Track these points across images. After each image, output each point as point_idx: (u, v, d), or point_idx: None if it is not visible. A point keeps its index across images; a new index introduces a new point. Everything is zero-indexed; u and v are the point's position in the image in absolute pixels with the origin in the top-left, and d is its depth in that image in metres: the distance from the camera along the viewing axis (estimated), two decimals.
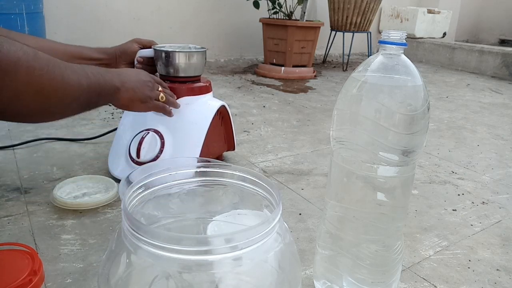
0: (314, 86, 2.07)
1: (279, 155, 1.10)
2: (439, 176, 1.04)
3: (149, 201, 0.41)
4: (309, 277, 0.61)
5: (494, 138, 1.39)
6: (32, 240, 0.65)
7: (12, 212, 0.73)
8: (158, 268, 0.32)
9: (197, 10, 2.38)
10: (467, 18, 3.93)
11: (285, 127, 1.35)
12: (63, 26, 1.98)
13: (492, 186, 0.99)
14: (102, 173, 0.90)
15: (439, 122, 1.53)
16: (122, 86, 0.71)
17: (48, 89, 0.57)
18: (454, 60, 2.93)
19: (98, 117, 1.31)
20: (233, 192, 0.44)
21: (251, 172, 0.42)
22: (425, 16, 3.16)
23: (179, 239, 0.31)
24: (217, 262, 0.31)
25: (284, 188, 0.91)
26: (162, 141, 0.85)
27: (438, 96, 1.99)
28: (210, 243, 0.31)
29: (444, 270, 0.66)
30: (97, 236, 0.68)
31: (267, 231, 0.33)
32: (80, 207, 0.75)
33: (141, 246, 0.31)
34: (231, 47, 2.58)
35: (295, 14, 2.28)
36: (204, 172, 0.43)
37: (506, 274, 0.66)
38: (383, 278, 0.53)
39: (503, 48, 2.75)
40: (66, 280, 0.57)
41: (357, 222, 0.51)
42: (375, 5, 2.44)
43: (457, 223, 0.81)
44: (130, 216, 0.32)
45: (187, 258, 0.31)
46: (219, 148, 0.98)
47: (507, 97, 2.10)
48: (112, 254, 0.35)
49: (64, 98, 0.60)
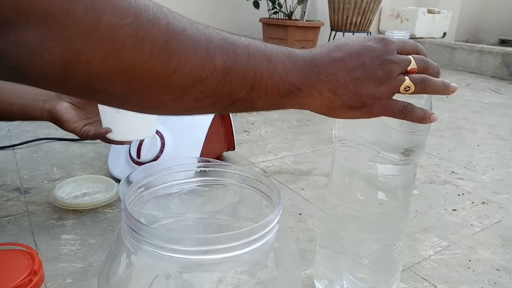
0: None
1: (279, 155, 1.10)
2: (439, 176, 1.03)
3: (149, 201, 0.41)
4: (309, 277, 0.61)
5: (494, 138, 1.39)
6: (32, 240, 0.65)
7: (12, 212, 0.73)
8: (158, 268, 0.32)
9: (197, 10, 2.38)
10: (467, 18, 3.93)
11: (285, 127, 1.35)
12: None
13: (492, 186, 0.99)
14: (102, 173, 0.90)
15: (439, 122, 1.53)
16: (311, 82, 0.38)
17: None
18: (454, 60, 2.93)
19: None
20: (233, 192, 0.44)
21: (251, 172, 0.42)
22: (425, 16, 3.16)
23: (179, 239, 0.31)
24: (217, 262, 0.31)
25: (284, 188, 0.91)
26: (163, 141, 0.85)
27: (438, 96, 1.99)
28: (210, 243, 0.31)
29: (444, 270, 0.66)
30: (97, 236, 0.68)
31: (267, 231, 0.33)
32: (80, 207, 0.75)
33: (141, 246, 0.31)
34: None
35: (295, 14, 2.28)
36: (204, 172, 0.43)
37: (506, 274, 0.66)
38: (384, 278, 0.53)
39: (503, 48, 2.75)
40: (66, 280, 0.57)
41: (358, 222, 0.51)
42: (375, 5, 2.44)
43: (457, 223, 0.81)
44: (130, 216, 0.32)
45: (187, 258, 0.31)
46: (219, 148, 0.98)
47: (507, 97, 2.10)
48: (112, 254, 0.35)
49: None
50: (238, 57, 0.35)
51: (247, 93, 0.36)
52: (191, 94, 0.34)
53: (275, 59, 0.37)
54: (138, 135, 0.75)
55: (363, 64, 0.39)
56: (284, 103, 0.39)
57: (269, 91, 0.37)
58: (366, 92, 0.39)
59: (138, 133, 0.74)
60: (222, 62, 0.34)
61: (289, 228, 0.75)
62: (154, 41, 0.30)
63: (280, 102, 0.39)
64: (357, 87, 0.39)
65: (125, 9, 0.29)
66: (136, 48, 0.30)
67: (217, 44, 0.34)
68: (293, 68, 0.38)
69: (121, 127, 0.70)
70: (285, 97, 0.38)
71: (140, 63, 0.30)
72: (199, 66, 0.33)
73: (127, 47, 0.29)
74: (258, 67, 0.36)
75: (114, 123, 0.70)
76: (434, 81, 0.42)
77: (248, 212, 0.45)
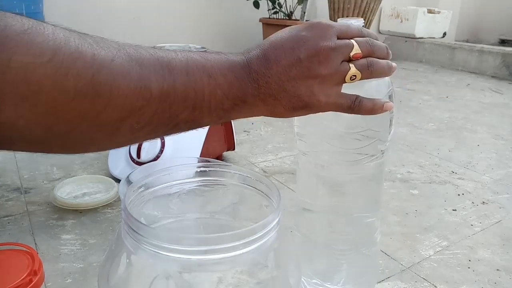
0: None
1: (279, 155, 1.10)
2: (439, 176, 1.03)
3: (149, 201, 0.41)
4: None
5: (494, 138, 1.39)
6: (32, 240, 0.65)
7: (12, 212, 0.73)
8: (158, 268, 0.32)
9: (197, 10, 2.38)
10: (467, 18, 3.93)
11: (285, 127, 1.35)
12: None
13: (492, 186, 0.99)
14: (102, 173, 0.90)
15: (439, 122, 1.53)
16: (253, 91, 0.36)
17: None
18: (454, 60, 2.93)
19: None
20: (233, 192, 0.44)
21: (251, 172, 0.42)
22: (425, 16, 3.15)
23: (180, 239, 0.31)
24: (217, 262, 0.31)
25: (284, 188, 0.91)
26: (163, 141, 0.85)
27: (438, 96, 1.99)
28: (210, 243, 0.31)
29: (444, 270, 0.66)
30: (97, 236, 0.68)
31: (267, 231, 0.33)
32: (80, 207, 0.75)
33: (141, 246, 0.31)
34: (231, 47, 2.57)
35: (295, 14, 2.28)
36: (204, 172, 0.43)
37: (506, 274, 0.66)
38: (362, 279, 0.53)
39: (503, 48, 2.75)
40: (66, 280, 0.57)
41: (324, 219, 0.51)
42: (375, 5, 2.44)
43: (457, 223, 0.81)
44: (130, 216, 0.32)
45: (187, 258, 0.31)
46: (219, 148, 0.98)
47: (507, 97, 2.10)
48: (112, 255, 0.35)
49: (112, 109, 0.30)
50: (176, 78, 0.32)
51: (189, 114, 0.33)
52: (126, 126, 0.31)
53: (216, 73, 0.34)
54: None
55: (299, 59, 0.35)
56: (230, 116, 0.37)
57: (213, 107, 0.34)
58: (306, 92, 0.36)
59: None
60: (158, 87, 0.31)
61: (289, 228, 0.75)
62: (78, 77, 0.27)
63: (226, 116, 0.36)
64: (295, 87, 0.35)
65: (41, 45, 0.25)
66: (57, 88, 0.26)
67: (151, 68, 0.31)
68: (235, 80, 0.35)
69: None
70: (230, 111, 0.36)
71: (63, 104, 0.27)
72: (132, 96, 0.30)
73: (46, 89, 0.26)
74: (198, 86, 0.33)
75: None
76: (381, 64, 0.38)
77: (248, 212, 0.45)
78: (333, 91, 0.37)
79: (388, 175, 1.01)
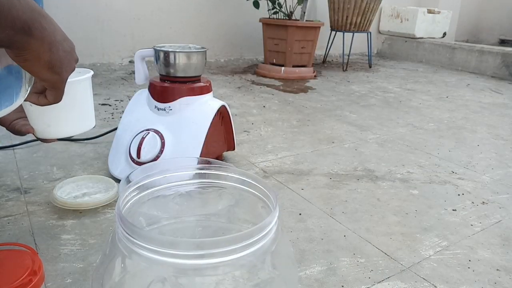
0: (314, 86, 2.07)
1: (279, 155, 1.10)
2: (439, 176, 1.03)
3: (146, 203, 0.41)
4: (309, 277, 0.61)
5: (494, 138, 1.39)
6: (32, 240, 0.65)
7: (12, 212, 0.73)
8: (154, 272, 0.32)
9: (197, 10, 2.38)
10: (467, 18, 3.93)
11: (285, 127, 1.35)
12: (63, 26, 1.95)
13: (492, 186, 0.99)
14: (102, 173, 0.90)
15: (439, 122, 1.53)
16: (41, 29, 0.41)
17: None
18: (454, 60, 2.93)
19: (98, 117, 1.31)
20: (230, 194, 0.44)
21: (248, 174, 0.42)
22: (425, 16, 3.15)
23: (175, 243, 0.30)
24: (214, 266, 0.31)
25: (284, 188, 0.91)
26: (163, 141, 0.85)
27: (438, 96, 1.99)
28: (207, 247, 0.30)
29: (444, 270, 0.66)
30: (97, 236, 0.68)
31: (263, 234, 0.33)
32: (80, 207, 0.75)
33: (136, 250, 0.31)
34: (231, 47, 2.57)
35: (295, 14, 2.28)
36: (201, 174, 0.43)
37: (506, 274, 0.66)
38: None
39: (503, 48, 2.75)
40: (66, 280, 0.57)
41: None
42: (375, 5, 2.44)
43: (457, 223, 0.81)
44: (125, 220, 0.31)
45: (183, 262, 0.30)
46: (219, 148, 0.98)
47: (507, 97, 2.10)
48: (107, 259, 0.34)
49: None
50: None
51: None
52: None
53: None
54: (60, 133, 0.68)
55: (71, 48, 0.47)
56: (16, 40, 0.39)
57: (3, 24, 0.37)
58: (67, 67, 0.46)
59: (59, 131, 0.67)
60: None
61: (289, 228, 0.75)
62: None
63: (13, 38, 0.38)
64: (67, 59, 0.45)
65: None
66: None
67: None
68: (27, 8, 0.39)
69: (40, 124, 0.65)
70: (17, 34, 0.38)
71: None
72: None
73: None
74: None
75: (34, 121, 0.65)
76: None
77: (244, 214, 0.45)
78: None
79: (388, 175, 1.01)
